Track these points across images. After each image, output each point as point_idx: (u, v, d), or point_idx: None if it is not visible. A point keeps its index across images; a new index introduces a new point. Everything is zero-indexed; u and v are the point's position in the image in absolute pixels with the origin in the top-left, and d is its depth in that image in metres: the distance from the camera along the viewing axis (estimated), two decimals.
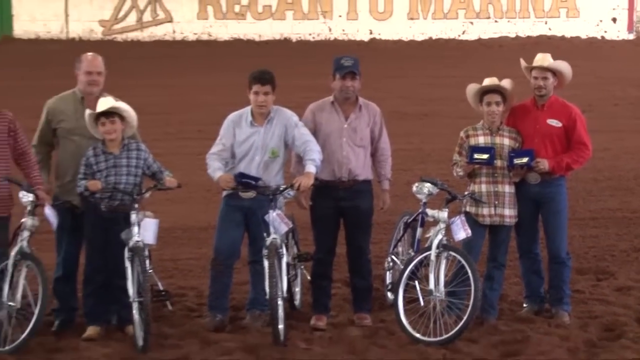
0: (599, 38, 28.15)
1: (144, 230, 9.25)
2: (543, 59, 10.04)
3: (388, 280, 10.38)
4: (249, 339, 9.30)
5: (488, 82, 9.98)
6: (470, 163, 9.86)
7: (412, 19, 27.81)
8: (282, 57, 24.84)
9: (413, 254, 9.80)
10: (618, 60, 25.57)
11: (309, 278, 10.15)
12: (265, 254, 9.30)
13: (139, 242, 9.20)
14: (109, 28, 27.11)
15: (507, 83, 9.98)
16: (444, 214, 9.62)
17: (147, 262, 9.21)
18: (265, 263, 9.27)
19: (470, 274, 9.32)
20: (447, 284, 9.47)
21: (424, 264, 9.56)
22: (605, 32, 28.26)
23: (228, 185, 9.57)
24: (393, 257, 10.39)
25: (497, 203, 9.89)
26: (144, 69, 22.94)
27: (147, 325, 9.03)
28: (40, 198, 9.34)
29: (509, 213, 9.92)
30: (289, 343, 9.23)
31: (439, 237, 9.53)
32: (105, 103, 9.39)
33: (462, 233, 9.58)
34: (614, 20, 28.33)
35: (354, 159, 9.85)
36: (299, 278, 10.36)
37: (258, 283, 9.57)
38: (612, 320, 9.86)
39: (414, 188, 9.88)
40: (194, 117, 19.15)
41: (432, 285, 9.41)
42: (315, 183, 9.62)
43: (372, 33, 27.69)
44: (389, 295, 10.20)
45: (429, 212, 9.75)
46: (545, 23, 28.06)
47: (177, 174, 9.79)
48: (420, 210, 9.86)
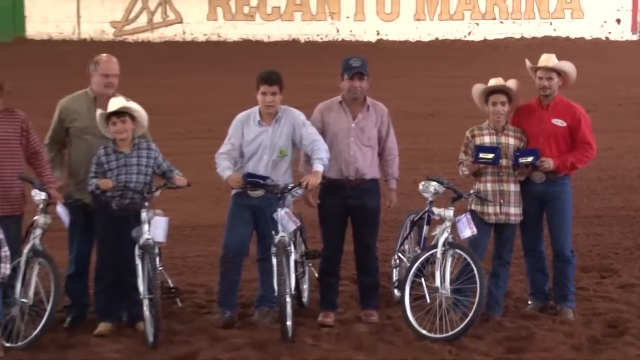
0: (603, 39, 28.12)
1: (154, 228, 9.25)
2: (548, 60, 10.03)
3: (395, 278, 10.38)
4: (258, 335, 9.30)
5: (493, 82, 9.97)
6: (476, 162, 9.86)
7: (418, 20, 27.80)
8: (290, 57, 24.85)
9: (419, 252, 9.81)
10: (622, 61, 25.55)
11: (317, 275, 10.15)
12: (274, 252, 9.30)
13: (149, 239, 9.20)
14: (120, 29, 27.13)
15: (512, 83, 9.97)
16: (450, 213, 9.61)
17: (157, 259, 9.21)
18: (274, 261, 9.27)
19: (476, 272, 9.32)
20: (453, 282, 9.47)
21: (430, 262, 9.56)
22: (610, 33, 28.23)
23: (237, 184, 9.57)
24: (400, 254, 10.39)
25: (502, 202, 9.88)
26: (155, 70, 22.96)
27: (157, 322, 9.03)
28: (53, 196, 9.34)
29: (514, 211, 9.91)
30: (297, 339, 9.23)
31: (445, 235, 9.52)
32: (117, 103, 9.40)
33: (467, 231, 9.57)
34: (618, 21, 28.29)
35: (361, 158, 9.85)
36: (307, 275, 10.36)
37: (266, 280, 9.57)
38: (615, 317, 9.85)
39: (421, 187, 9.88)
40: (204, 116, 19.16)
41: (438, 283, 9.40)
42: (323, 182, 9.63)
43: (379, 34, 27.68)
44: (396, 292, 10.20)
45: (435, 210, 9.74)
46: (550, 24, 28.04)
47: (187, 173, 9.79)
48: (427, 209, 9.86)
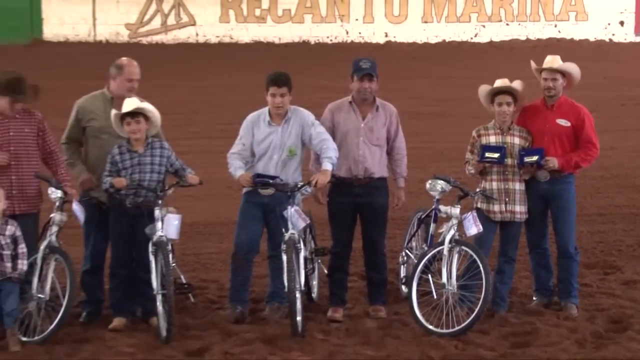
0: (607, 41, 28.06)
1: (167, 226, 9.25)
2: (553, 61, 10.01)
3: (402, 274, 10.37)
4: (268, 330, 9.30)
5: (499, 83, 9.96)
6: (482, 161, 9.84)
7: (426, 22, 27.77)
8: (301, 59, 24.85)
9: (426, 249, 9.79)
10: (625, 62, 25.49)
11: (326, 272, 10.14)
12: (284, 249, 9.29)
13: (163, 236, 9.20)
14: (135, 31, 27.15)
15: (517, 84, 9.95)
16: (457, 210, 9.60)
17: (170, 256, 9.21)
18: (284, 257, 9.26)
19: (482, 268, 9.31)
20: (459, 278, 9.45)
21: (437, 259, 9.55)
22: (613, 34, 28.16)
23: (248, 183, 9.57)
24: (407, 251, 10.38)
25: (507, 200, 9.86)
26: (168, 71, 22.96)
27: (170, 317, 9.03)
28: (69, 194, 9.36)
29: (519, 209, 9.89)
30: (307, 334, 9.22)
31: (452, 232, 9.51)
32: (131, 103, 9.40)
33: (473, 229, 9.56)
34: (622, 24, 28.23)
35: (370, 158, 9.84)
36: (316, 272, 10.35)
37: (277, 277, 9.57)
38: (618, 313, 9.84)
39: (428, 185, 9.86)
40: (217, 116, 19.16)
41: (444, 279, 9.39)
42: (332, 180, 9.62)
43: (387, 36, 27.66)
44: (403, 289, 10.19)
45: (442, 208, 9.73)
46: (555, 26, 27.98)
47: (199, 172, 9.79)
48: (434, 207, 9.84)
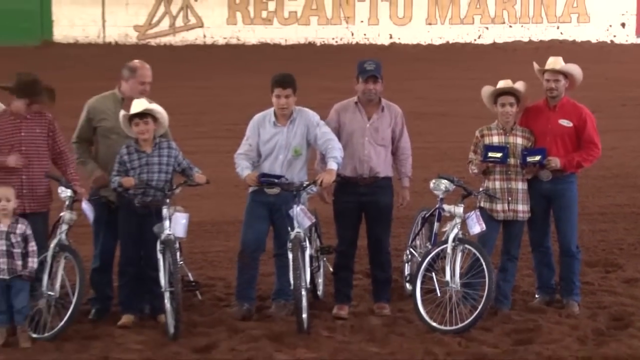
0: (609, 42, 27.99)
1: (175, 224, 9.25)
2: (555, 62, 10.00)
3: (406, 272, 10.37)
4: (275, 327, 9.30)
5: (502, 84, 9.95)
6: (485, 161, 9.83)
7: (430, 24, 27.72)
8: (306, 60, 24.82)
9: (430, 247, 9.79)
10: (626, 63, 25.42)
11: (332, 269, 10.15)
12: (290, 247, 9.29)
13: (170, 235, 9.20)
14: (143, 33, 27.14)
15: (520, 85, 9.94)
16: (460, 209, 9.59)
17: (178, 254, 9.21)
18: (290, 255, 9.26)
19: (485, 266, 9.30)
20: (462, 276, 9.45)
21: (441, 257, 9.55)
22: (615, 36, 28.10)
23: (254, 183, 9.57)
24: (411, 250, 10.37)
25: (510, 199, 9.85)
26: (176, 72, 22.93)
27: (178, 314, 9.03)
28: (78, 193, 9.37)
29: (522, 208, 9.88)
30: (313, 331, 9.22)
31: (455, 231, 9.50)
32: (139, 104, 9.40)
33: (477, 227, 9.55)
34: (623, 25, 28.17)
35: (375, 157, 9.84)
36: (322, 269, 10.34)
37: (283, 274, 9.57)
38: (620, 311, 9.82)
39: (432, 184, 9.86)
40: (224, 116, 19.14)
41: (448, 277, 9.39)
42: (337, 179, 9.62)
43: (392, 37, 27.62)
44: (408, 286, 10.19)
45: (446, 207, 9.73)
46: (557, 28, 27.93)
47: (207, 171, 9.79)
48: (437, 206, 9.85)
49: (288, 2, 27.36)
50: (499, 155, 9.77)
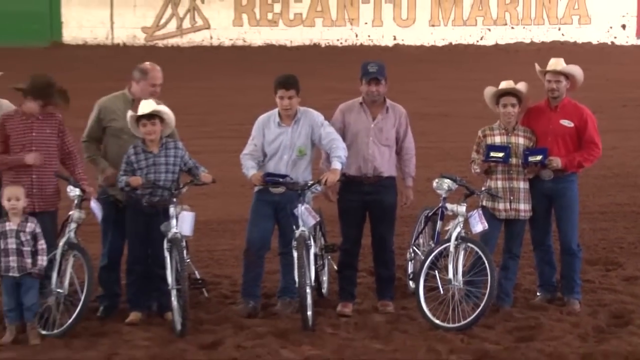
0: (609, 43, 27.95)
1: (182, 223, 9.25)
2: (556, 63, 9.99)
3: (410, 270, 10.36)
4: (280, 325, 9.30)
5: (504, 85, 9.94)
6: (487, 161, 9.83)
7: (433, 26, 27.70)
8: (311, 61, 24.82)
9: (433, 246, 9.79)
10: (627, 65, 25.38)
11: (336, 268, 10.14)
12: (294, 246, 9.29)
13: (177, 233, 9.20)
14: (151, 34, 27.15)
15: (522, 86, 9.93)
16: (463, 208, 9.58)
17: (184, 252, 9.22)
18: (295, 254, 9.27)
19: (487, 264, 9.30)
20: (465, 274, 9.44)
21: (444, 255, 9.54)
22: (615, 37, 28.07)
23: (259, 182, 9.57)
24: (414, 248, 10.37)
25: (512, 198, 9.85)
26: (184, 73, 22.92)
27: (185, 311, 9.03)
28: (87, 192, 9.38)
29: (524, 207, 9.88)
30: (317, 328, 9.23)
31: (458, 229, 9.50)
32: (147, 106, 9.39)
33: (479, 226, 9.54)
34: (624, 27, 28.13)
35: (379, 157, 9.83)
36: (326, 268, 10.34)
37: (288, 272, 9.57)
38: (620, 308, 9.82)
39: (435, 184, 9.85)
40: (230, 117, 19.13)
41: (451, 275, 9.39)
42: (341, 179, 9.61)
43: (395, 39, 27.61)
44: (411, 284, 10.18)
45: (449, 206, 9.72)
46: (559, 29, 27.90)
47: (213, 170, 9.79)
48: (440, 205, 9.84)
49: (293, 4, 27.35)
50: (501, 155, 9.76)
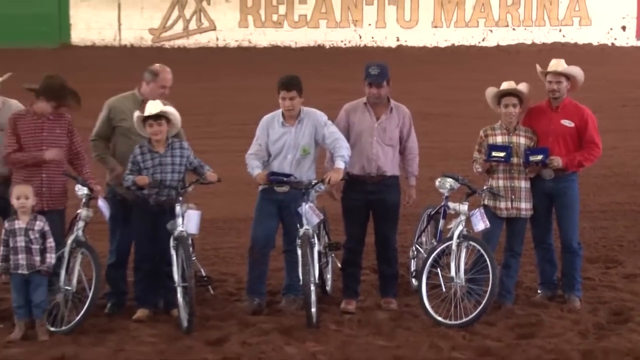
0: (609, 45, 27.92)
1: (188, 221, 9.25)
2: (557, 64, 9.97)
3: (412, 268, 10.37)
4: (284, 321, 9.30)
5: (506, 85, 9.93)
6: (489, 160, 9.82)
7: (436, 27, 27.69)
8: (316, 62, 24.83)
9: (436, 244, 9.79)
10: (627, 65, 25.36)
11: (340, 265, 10.14)
12: (299, 244, 9.29)
13: (183, 232, 9.21)
14: (158, 36, 27.16)
15: (523, 87, 9.92)
16: (465, 207, 9.58)
17: (190, 250, 9.21)
18: (299, 252, 9.27)
19: (489, 262, 9.29)
20: (467, 272, 9.44)
21: (446, 253, 9.54)
22: (615, 39, 28.04)
23: (264, 181, 9.57)
24: (417, 246, 10.37)
25: (513, 197, 9.84)
26: (190, 73, 22.90)
27: (191, 308, 9.03)
28: (94, 191, 9.39)
29: (525, 206, 9.87)
30: (321, 325, 9.22)
31: (460, 228, 9.50)
32: (154, 106, 9.38)
33: (481, 225, 9.54)
34: (624, 28, 28.10)
35: (383, 157, 9.82)
36: (330, 265, 10.34)
37: (292, 270, 9.57)
38: (620, 306, 9.81)
39: (437, 183, 9.85)
40: (236, 117, 19.12)
41: (453, 273, 9.38)
42: (345, 177, 9.61)
43: (399, 40, 27.60)
44: (414, 282, 10.17)
45: (451, 205, 9.72)
46: (560, 31, 27.87)
47: (219, 170, 9.79)
48: (443, 204, 9.83)
49: (298, 5, 27.35)
50: (503, 155, 9.75)
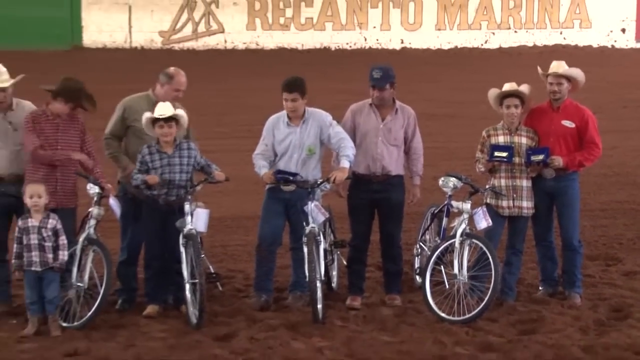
0: (609, 47, 27.89)
1: (196, 220, 9.25)
2: (558, 66, 9.96)
3: (416, 265, 10.36)
4: (291, 317, 9.30)
5: (508, 87, 9.92)
6: (491, 160, 9.81)
7: (439, 30, 27.67)
8: (322, 64, 24.83)
9: (439, 242, 9.78)
10: (626, 67, 25.32)
11: (345, 263, 10.14)
12: (305, 241, 9.29)
13: (192, 230, 9.21)
14: (168, 38, 27.17)
15: (525, 88, 9.91)
16: (468, 206, 9.58)
17: (199, 247, 9.21)
18: (305, 249, 9.27)
19: (491, 260, 9.29)
20: (469, 269, 9.44)
21: (449, 251, 9.54)
22: (615, 41, 28.01)
23: (271, 180, 9.57)
24: (421, 244, 10.36)
25: (515, 196, 9.83)
26: (199, 75, 22.86)
27: (202, 305, 9.03)
28: (106, 190, 9.40)
29: (527, 205, 9.86)
30: (327, 321, 9.23)
31: (463, 226, 9.49)
32: (166, 108, 9.35)
33: (483, 223, 9.54)
34: (623, 31, 28.07)
35: (387, 157, 9.82)
36: (336, 262, 10.33)
37: (299, 267, 9.57)
38: (619, 302, 9.80)
39: (441, 182, 9.84)
40: (243, 117, 19.12)
41: (456, 270, 9.38)
42: (350, 177, 9.61)
43: (403, 42, 27.59)
44: (417, 279, 10.18)
45: (454, 203, 9.71)
46: (561, 33, 27.84)
47: (227, 169, 9.79)
48: (446, 202, 9.83)
49: (304, 8, 27.36)
50: (505, 155, 9.75)
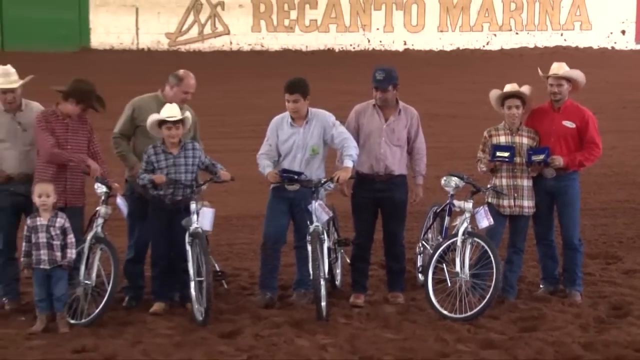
0: (610, 48, 27.87)
1: (202, 218, 9.26)
2: (559, 68, 9.96)
3: (419, 263, 10.35)
4: (295, 315, 9.30)
5: (509, 88, 9.91)
6: (493, 160, 9.81)
7: (441, 32, 27.67)
8: (326, 65, 24.83)
9: (441, 240, 9.78)
10: (626, 68, 25.30)
11: (349, 261, 10.14)
12: (309, 240, 9.29)
13: (198, 228, 9.21)
14: (174, 40, 27.18)
15: (526, 89, 9.90)
16: (469, 205, 9.57)
17: (206, 246, 9.21)
18: (309, 248, 9.27)
19: (492, 258, 9.29)
20: (471, 267, 9.44)
21: (451, 249, 9.53)
22: (615, 43, 27.99)
23: (275, 179, 9.58)
24: (424, 242, 10.37)
25: (516, 195, 9.83)
26: (205, 76, 22.85)
27: (208, 302, 9.03)
28: (113, 189, 9.41)
29: (527, 204, 9.86)
30: (331, 318, 9.23)
31: (465, 225, 9.49)
32: (173, 110, 9.35)
33: (485, 222, 9.53)
34: (623, 33, 28.04)
35: (391, 156, 9.82)
36: (340, 261, 10.34)
37: (303, 265, 9.57)
38: (619, 300, 9.79)
39: (443, 181, 9.84)
40: (248, 118, 19.13)
41: (458, 268, 9.38)
42: (353, 176, 9.61)
43: (406, 44, 27.58)
44: (420, 277, 10.17)
45: (456, 203, 9.71)
46: (561, 35, 27.83)
47: (232, 169, 9.80)
48: (448, 201, 9.83)
49: (309, 11, 27.36)
50: (507, 155, 9.74)
